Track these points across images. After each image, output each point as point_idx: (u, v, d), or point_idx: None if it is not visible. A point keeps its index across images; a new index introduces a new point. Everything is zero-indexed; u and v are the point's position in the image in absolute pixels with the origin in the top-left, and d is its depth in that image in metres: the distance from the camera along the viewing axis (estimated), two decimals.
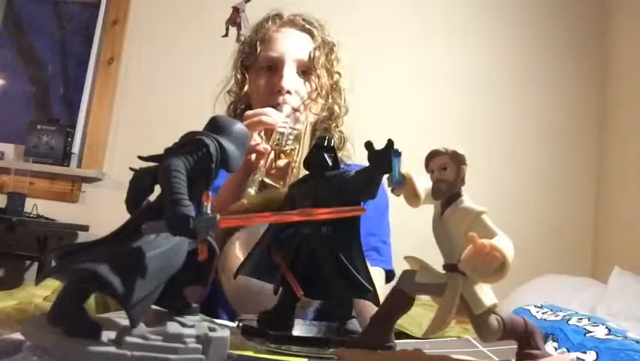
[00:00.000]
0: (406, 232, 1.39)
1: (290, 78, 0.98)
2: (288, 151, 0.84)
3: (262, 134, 0.87)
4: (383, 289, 0.89)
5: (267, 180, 0.76)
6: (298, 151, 0.83)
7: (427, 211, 0.45)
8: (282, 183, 0.77)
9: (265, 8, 1.08)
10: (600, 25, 2.45)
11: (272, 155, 0.83)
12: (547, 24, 2.47)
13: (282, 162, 0.83)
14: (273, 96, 0.97)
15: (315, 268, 0.50)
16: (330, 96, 1.02)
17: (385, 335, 0.44)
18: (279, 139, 0.85)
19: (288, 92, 0.97)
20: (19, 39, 2.91)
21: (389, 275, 0.95)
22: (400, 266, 0.46)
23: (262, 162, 0.80)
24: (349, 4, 2.46)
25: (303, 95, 0.99)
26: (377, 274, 0.92)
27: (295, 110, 0.97)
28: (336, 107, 1.03)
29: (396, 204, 0.56)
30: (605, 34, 2.43)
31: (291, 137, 0.86)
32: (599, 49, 2.44)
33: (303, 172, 0.77)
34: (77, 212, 2.43)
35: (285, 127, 0.86)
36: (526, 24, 2.49)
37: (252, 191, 0.75)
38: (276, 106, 0.95)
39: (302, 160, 0.79)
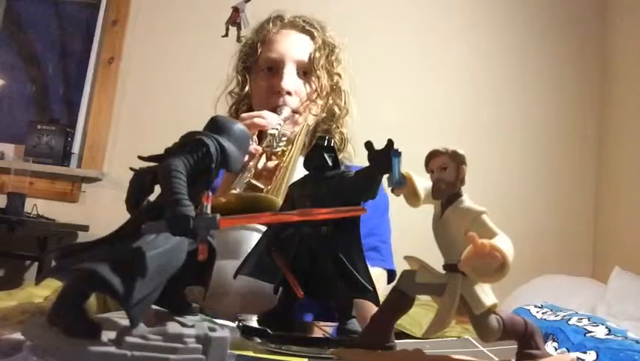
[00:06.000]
0: (406, 232, 1.39)
1: (290, 79, 0.99)
2: (278, 153, 0.84)
3: (255, 137, 0.88)
4: (383, 291, 0.89)
5: (253, 182, 0.76)
6: (289, 153, 0.83)
7: (427, 211, 0.45)
8: (269, 185, 0.77)
9: (265, 8, 1.09)
10: (600, 25, 2.46)
11: (264, 158, 0.84)
12: (547, 24, 2.47)
13: (271, 164, 0.83)
14: (273, 97, 0.98)
15: (315, 268, 0.50)
16: (330, 97, 1.03)
17: (385, 335, 0.43)
18: (269, 140, 0.85)
19: (288, 93, 0.98)
20: (19, 39, 2.91)
21: (390, 275, 0.95)
22: (400, 266, 0.46)
23: (252, 163, 0.80)
24: (350, 4, 2.46)
25: (303, 96, 1.00)
26: (379, 274, 0.92)
27: (295, 111, 0.98)
28: (336, 108, 1.04)
29: (396, 204, 0.56)
30: (605, 34, 2.43)
31: (284, 138, 0.86)
32: (600, 49, 2.44)
33: (293, 173, 0.78)
34: (77, 212, 2.43)
35: (277, 129, 0.87)
36: (526, 24, 2.49)
37: (236, 191, 0.74)
38: (276, 107, 0.96)
39: (291, 162, 0.80)
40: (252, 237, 0.62)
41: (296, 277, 0.50)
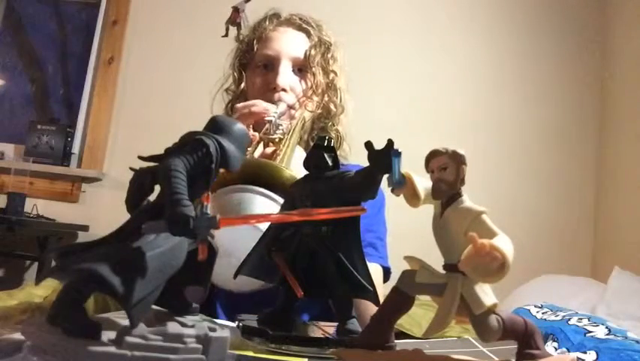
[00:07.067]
0: (406, 232, 1.39)
1: (285, 76, 1.00)
2: (275, 140, 0.85)
3: (251, 126, 0.88)
4: (382, 288, 0.89)
5: None
6: (286, 141, 0.83)
7: (427, 211, 0.45)
8: None
9: (266, 8, 1.09)
10: (600, 26, 2.46)
11: (261, 146, 0.84)
12: (547, 24, 2.47)
13: (269, 150, 0.84)
14: (268, 93, 0.99)
15: (315, 268, 0.50)
16: (325, 95, 1.03)
17: (385, 335, 0.43)
18: (267, 128, 0.86)
19: (284, 89, 0.99)
20: (19, 39, 2.91)
21: (386, 272, 0.96)
22: (400, 266, 0.46)
23: (249, 149, 0.81)
24: (349, 3, 2.46)
25: (298, 92, 1.01)
26: (375, 270, 0.93)
27: (290, 107, 0.99)
28: (331, 106, 1.04)
29: (396, 204, 0.56)
30: (605, 35, 2.43)
31: (281, 127, 0.87)
32: (599, 49, 2.44)
33: (290, 157, 0.78)
34: (77, 212, 2.43)
35: (274, 116, 0.87)
36: (526, 24, 2.49)
37: None
38: (272, 103, 0.96)
39: (289, 148, 0.80)
40: (255, 200, 0.62)
41: (296, 277, 0.50)
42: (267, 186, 0.63)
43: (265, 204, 0.62)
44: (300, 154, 0.80)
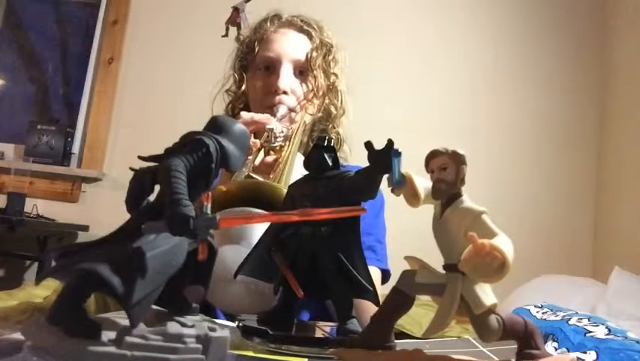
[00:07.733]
0: (406, 232, 1.39)
1: (286, 78, 0.99)
2: (277, 148, 0.85)
3: (252, 134, 0.88)
4: (380, 290, 0.89)
5: (252, 175, 0.76)
6: (288, 148, 0.83)
7: (427, 211, 0.45)
8: (267, 179, 0.77)
9: (265, 8, 1.09)
10: (600, 26, 2.46)
11: (262, 153, 0.84)
12: (548, 24, 2.47)
13: (270, 158, 0.84)
14: (269, 96, 0.98)
15: (315, 268, 0.50)
16: (326, 97, 1.03)
17: (385, 335, 0.43)
18: (268, 136, 0.86)
19: (285, 92, 0.99)
20: (19, 39, 2.91)
21: (385, 275, 0.96)
22: (400, 266, 0.46)
23: (250, 157, 0.81)
24: (349, 4, 2.46)
25: (299, 95, 1.01)
26: (373, 273, 0.92)
27: (291, 110, 0.99)
28: (332, 108, 1.04)
29: (396, 204, 0.56)
30: (606, 34, 2.43)
31: (282, 134, 0.87)
32: (600, 49, 2.44)
33: (290, 169, 0.78)
34: (77, 212, 2.43)
35: (275, 125, 0.88)
36: (526, 24, 2.49)
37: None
38: (272, 106, 0.96)
39: (290, 156, 0.80)
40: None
41: (296, 277, 0.50)
42: (267, 207, 0.63)
43: (266, 227, 0.62)
44: (301, 161, 0.80)
